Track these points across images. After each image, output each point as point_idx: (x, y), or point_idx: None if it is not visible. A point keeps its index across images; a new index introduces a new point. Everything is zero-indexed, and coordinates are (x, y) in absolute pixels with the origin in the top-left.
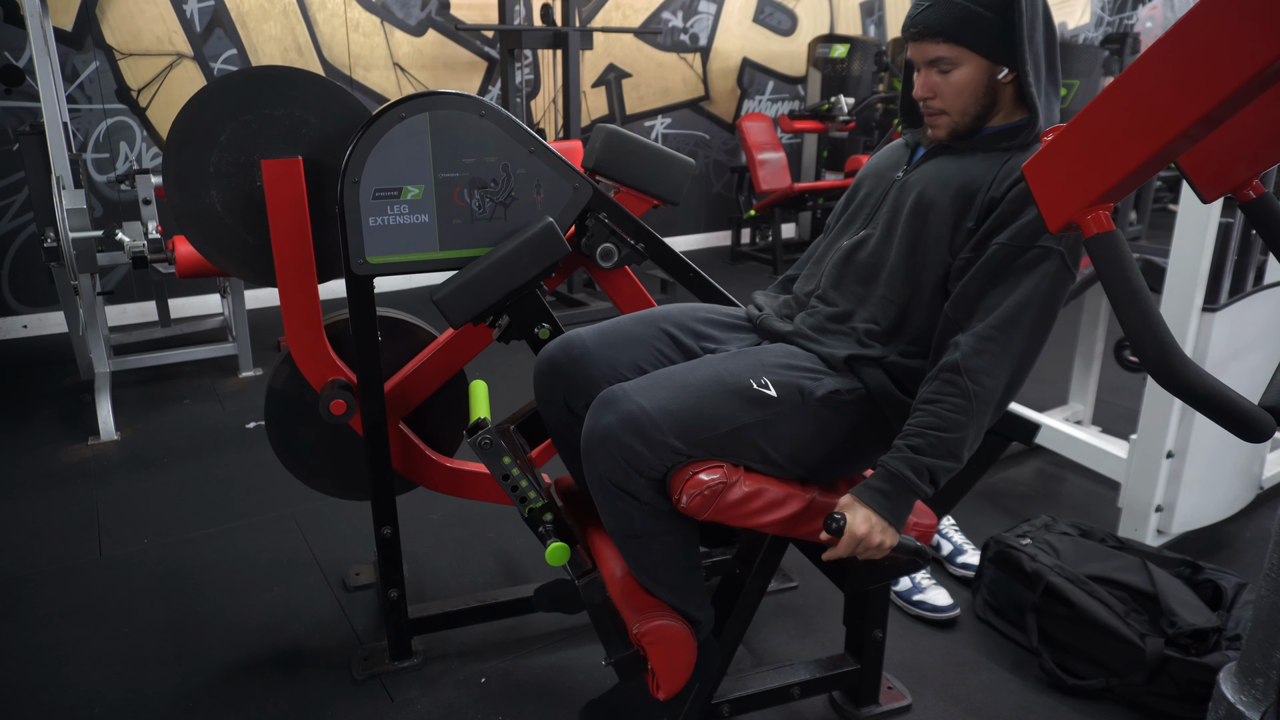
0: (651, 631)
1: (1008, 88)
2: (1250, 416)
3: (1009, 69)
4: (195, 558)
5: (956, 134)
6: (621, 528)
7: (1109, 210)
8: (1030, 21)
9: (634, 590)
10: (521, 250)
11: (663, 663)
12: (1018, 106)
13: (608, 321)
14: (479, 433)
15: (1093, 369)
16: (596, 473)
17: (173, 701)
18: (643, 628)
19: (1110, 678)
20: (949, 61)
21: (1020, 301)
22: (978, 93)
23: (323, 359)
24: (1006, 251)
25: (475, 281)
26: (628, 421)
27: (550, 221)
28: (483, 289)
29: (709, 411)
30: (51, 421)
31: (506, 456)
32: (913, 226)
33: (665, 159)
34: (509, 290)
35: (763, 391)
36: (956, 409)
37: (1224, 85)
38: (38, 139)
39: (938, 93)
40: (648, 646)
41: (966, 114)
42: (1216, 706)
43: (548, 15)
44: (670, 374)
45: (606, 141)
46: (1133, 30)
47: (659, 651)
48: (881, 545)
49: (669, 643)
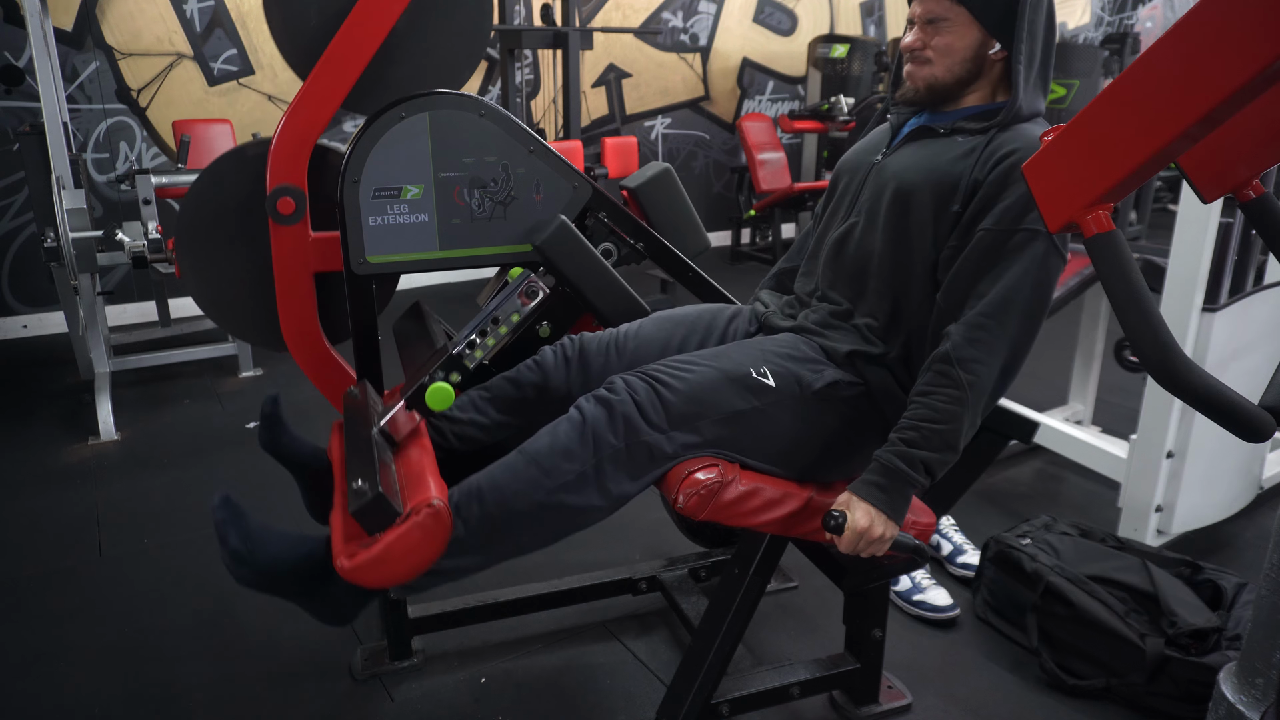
0: (444, 518)
1: (996, 65)
2: (1250, 416)
3: (1002, 46)
4: (195, 558)
5: (933, 90)
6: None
7: (1109, 210)
8: (1034, 7)
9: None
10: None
11: (403, 547)
12: (1000, 88)
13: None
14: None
15: (1093, 369)
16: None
17: (173, 702)
18: (443, 507)
19: (1110, 678)
20: (947, 22)
21: (1010, 286)
22: (965, 57)
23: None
24: (992, 237)
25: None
26: (634, 395)
27: (646, 309)
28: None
29: (707, 397)
30: (51, 421)
31: (517, 315)
32: (895, 216)
33: (693, 224)
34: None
35: (761, 380)
36: (950, 400)
37: (1224, 85)
38: (38, 139)
39: (926, 45)
40: (417, 521)
41: (950, 72)
42: (1216, 706)
43: (548, 15)
44: (675, 360)
45: (659, 177)
46: (1133, 30)
47: (416, 536)
48: (883, 538)
49: (432, 541)
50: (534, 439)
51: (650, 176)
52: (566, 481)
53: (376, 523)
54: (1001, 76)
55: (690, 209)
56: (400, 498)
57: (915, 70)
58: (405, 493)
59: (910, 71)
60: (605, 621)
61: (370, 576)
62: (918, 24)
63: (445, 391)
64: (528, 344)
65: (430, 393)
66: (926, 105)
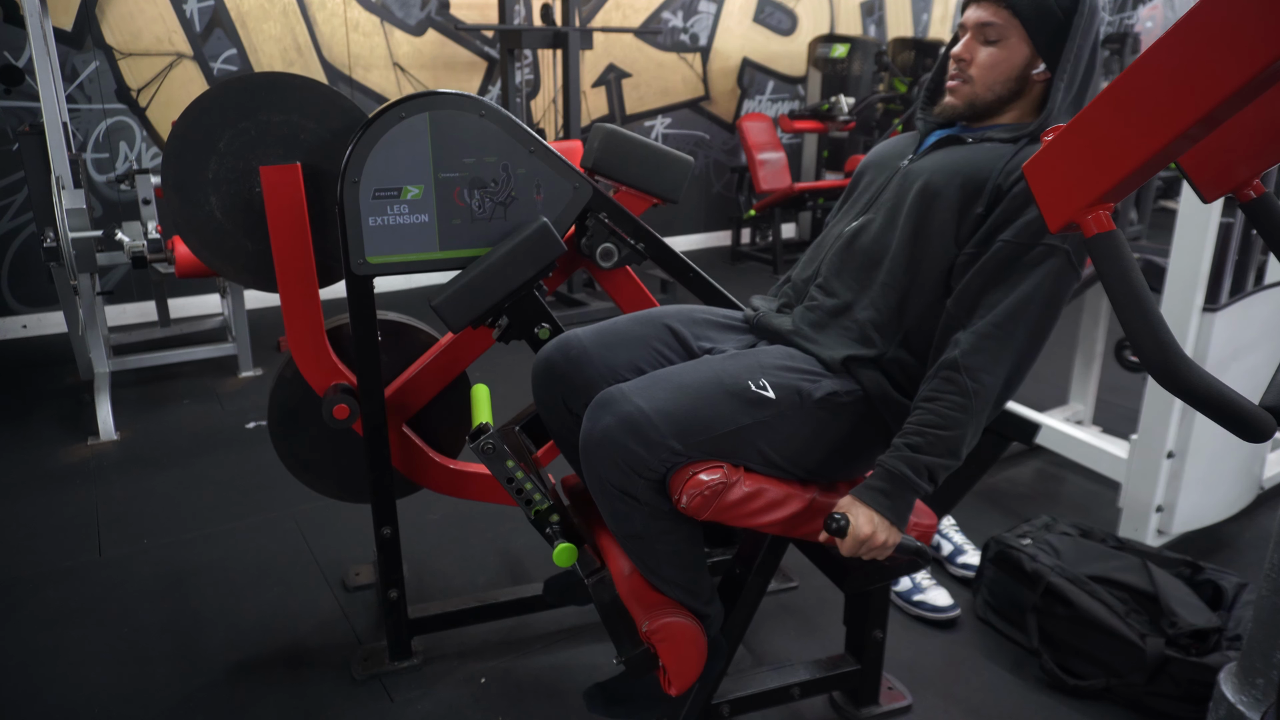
0: (662, 629)
1: (1036, 87)
2: (1251, 416)
3: (1046, 67)
4: (195, 558)
5: (972, 107)
6: (624, 529)
7: (1109, 210)
8: (1085, 33)
9: (642, 588)
10: (517, 251)
11: (673, 659)
12: (1036, 110)
13: (606, 322)
14: (481, 438)
15: (1093, 369)
16: (596, 474)
17: (172, 702)
18: (653, 625)
19: (1110, 678)
20: (997, 32)
21: (1021, 299)
22: (1009, 75)
23: (325, 363)
24: (1010, 249)
25: (473, 285)
26: (625, 423)
27: (545, 222)
28: (480, 292)
29: (707, 413)
30: (51, 422)
31: (510, 460)
32: (917, 213)
33: (663, 157)
34: (507, 292)
35: (761, 393)
36: (955, 407)
37: (1224, 85)
38: (37, 139)
39: (974, 59)
40: (658, 644)
41: (991, 90)
42: (1217, 707)
43: (548, 15)
44: (668, 375)
45: (604, 141)
46: (1133, 30)
47: (669, 649)
48: (885, 544)
49: (679, 639)
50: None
51: (599, 144)
52: (650, 530)
53: (647, 667)
54: (1039, 99)
55: (652, 147)
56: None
57: (958, 87)
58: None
59: (953, 87)
60: None
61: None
62: (970, 31)
63: (568, 551)
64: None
65: (557, 557)
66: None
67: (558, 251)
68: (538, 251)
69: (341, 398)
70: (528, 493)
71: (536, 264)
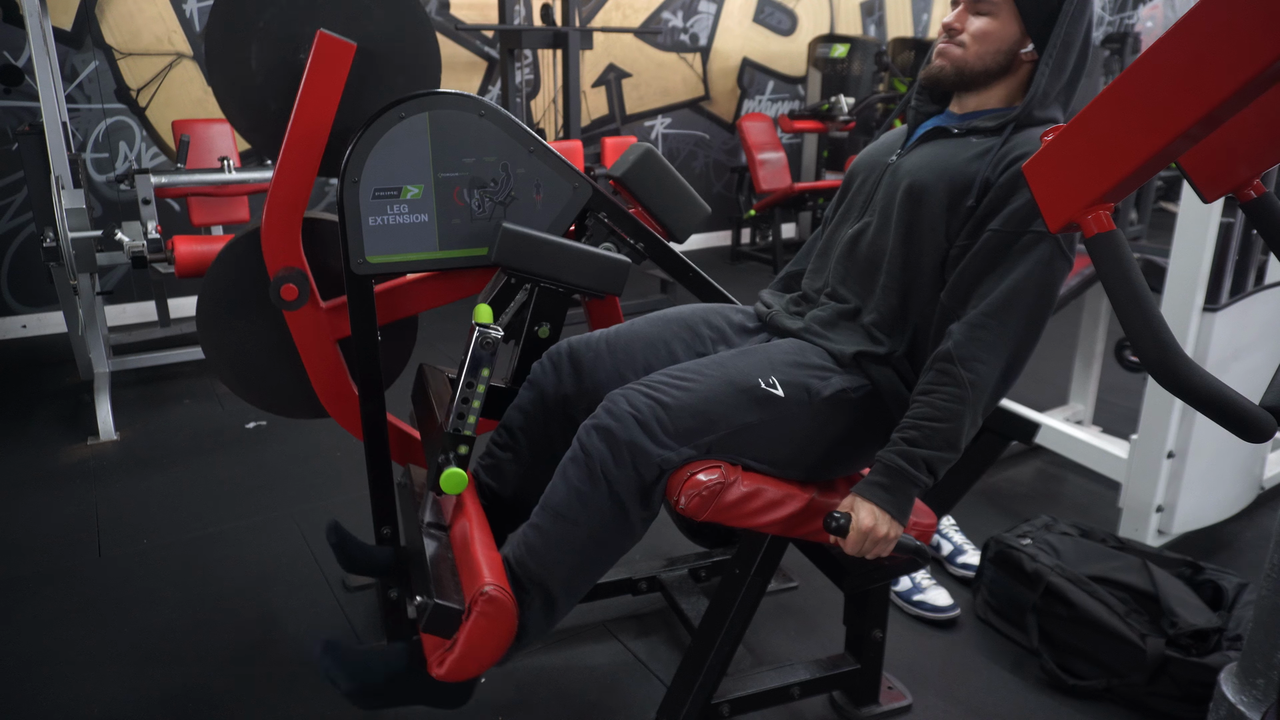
0: (501, 598)
1: (1024, 67)
2: (1251, 416)
3: (1034, 49)
4: (195, 558)
5: (960, 74)
6: (568, 508)
7: (1109, 210)
8: (1075, 20)
9: (490, 552)
10: (595, 260)
11: (478, 638)
12: (1021, 93)
13: (622, 326)
14: (490, 329)
15: (1093, 369)
16: (586, 452)
17: (172, 702)
18: (496, 590)
19: (1111, 678)
20: (989, 6)
21: (1013, 287)
22: (998, 48)
23: (290, 244)
24: (999, 238)
25: (544, 244)
26: (637, 414)
27: (627, 262)
28: (543, 256)
29: (715, 411)
30: (51, 421)
31: (487, 369)
32: (907, 212)
33: (687, 197)
34: (557, 277)
35: (770, 391)
36: (951, 398)
37: (1224, 85)
38: (37, 139)
39: (965, 28)
40: (479, 611)
41: (980, 60)
42: (1217, 707)
43: (548, 15)
44: (680, 371)
45: (641, 159)
46: (1133, 30)
47: (484, 625)
48: (888, 538)
49: (501, 622)
50: (551, 489)
51: (634, 160)
52: (594, 524)
53: (447, 627)
54: (1025, 81)
55: (681, 183)
56: (461, 589)
57: (947, 49)
58: (464, 579)
59: (942, 50)
60: (605, 621)
61: (463, 672)
62: (963, 2)
63: (458, 476)
64: (533, 351)
65: (444, 480)
66: (950, 87)
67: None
68: (606, 277)
69: (293, 276)
70: (472, 408)
71: (594, 281)
